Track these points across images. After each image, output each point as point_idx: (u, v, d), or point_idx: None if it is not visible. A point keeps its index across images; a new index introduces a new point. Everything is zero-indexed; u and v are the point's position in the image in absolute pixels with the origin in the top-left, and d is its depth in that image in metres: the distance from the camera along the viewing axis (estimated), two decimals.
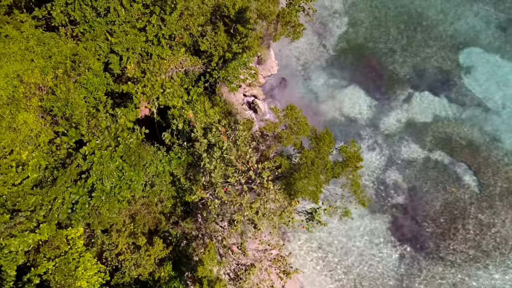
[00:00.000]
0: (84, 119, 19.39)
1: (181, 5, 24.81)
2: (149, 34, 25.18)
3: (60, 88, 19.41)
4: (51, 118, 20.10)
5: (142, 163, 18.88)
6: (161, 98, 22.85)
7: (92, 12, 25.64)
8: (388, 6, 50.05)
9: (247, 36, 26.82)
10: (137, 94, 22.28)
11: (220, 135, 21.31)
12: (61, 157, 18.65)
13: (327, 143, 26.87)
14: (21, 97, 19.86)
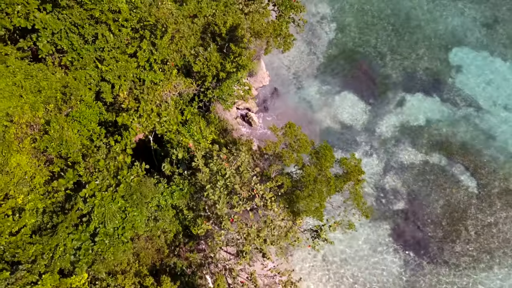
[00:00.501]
0: (81, 157, 18.59)
1: (172, 28, 24.11)
2: (141, 60, 24.43)
3: (54, 127, 18.58)
4: (46, 158, 19.26)
5: (144, 201, 18.19)
6: (158, 128, 22.14)
7: (80, 40, 24.78)
8: (375, 9, 49.95)
9: (241, 55, 26.22)
10: (133, 126, 21.53)
11: (221, 162, 20.71)
12: (59, 200, 17.85)
13: (328, 159, 26.43)
14: (13, 138, 18.98)
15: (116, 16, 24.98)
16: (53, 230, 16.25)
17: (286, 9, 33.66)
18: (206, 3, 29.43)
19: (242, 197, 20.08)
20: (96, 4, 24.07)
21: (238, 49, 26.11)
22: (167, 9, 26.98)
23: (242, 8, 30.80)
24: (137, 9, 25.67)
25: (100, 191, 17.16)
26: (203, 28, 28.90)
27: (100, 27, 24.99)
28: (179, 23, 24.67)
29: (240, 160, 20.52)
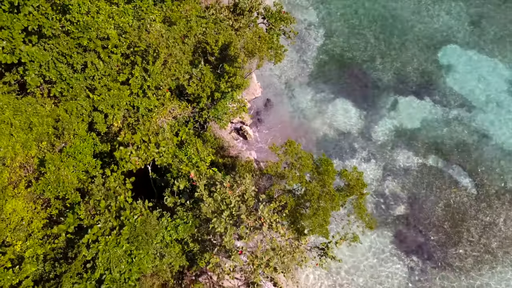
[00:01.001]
0: (79, 197, 17.79)
1: (164, 53, 23.40)
2: (133, 87, 23.65)
3: (50, 169, 17.75)
4: (43, 200, 18.41)
5: (150, 241, 17.50)
6: (157, 158, 21.42)
7: (68, 69, 23.90)
8: (361, 13, 49.76)
9: (235, 75, 25.61)
10: (132, 160, 20.77)
11: (225, 191, 20.09)
12: (60, 245, 17.03)
13: (330, 175, 26.00)
14: (6, 182, 18.09)
15: (105, 43, 24.17)
16: (57, 281, 15.46)
17: (276, 21, 33.15)
18: (195, 22, 28.75)
19: (249, 226, 19.50)
20: (84, 32, 23.24)
21: (232, 69, 25.50)
22: (157, 31, 26.27)
23: (232, 24, 30.19)
24: (126, 34, 24.89)
25: (103, 236, 16.42)
26: (194, 47, 28.23)
27: (89, 55, 24.16)
28: (171, 47, 23.96)
29: (244, 188, 19.93)
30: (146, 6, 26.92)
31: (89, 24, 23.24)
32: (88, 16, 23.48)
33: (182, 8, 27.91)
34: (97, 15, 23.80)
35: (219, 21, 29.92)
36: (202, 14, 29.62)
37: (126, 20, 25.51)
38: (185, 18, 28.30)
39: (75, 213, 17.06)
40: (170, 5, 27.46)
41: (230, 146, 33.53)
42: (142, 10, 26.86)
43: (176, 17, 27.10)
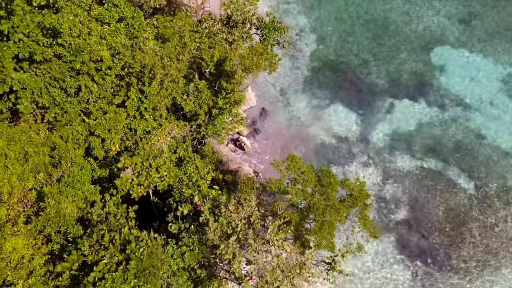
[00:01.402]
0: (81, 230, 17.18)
1: (161, 73, 22.85)
2: (130, 110, 23.06)
3: (49, 204, 17.12)
4: (43, 236, 17.77)
5: (158, 273, 16.96)
6: (158, 184, 20.86)
7: (62, 94, 23.24)
8: (352, 16, 49.51)
9: (233, 91, 25.14)
10: (134, 189, 20.19)
11: (230, 214, 19.62)
12: (64, 283, 16.42)
13: (333, 188, 25.67)
14: (5, 219, 17.41)
15: (98, 65, 23.55)
16: None
17: (270, 32, 32.73)
18: (189, 37, 28.21)
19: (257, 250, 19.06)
20: (76, 56, 22.60)
21: (230, 86, 25.02)
22: (151, 50, 25.71)
23: (226, 37, 29.71)
24: (120, 54, 24.28)
25: (109, 272, 15.85)
26: (189, 63, 27.71)
27: (82, 78, 23.52)
28: (167, 66, 23.41)
29: (250, 210, 19.49)
30: (138, 24, 26.32)
31: (81, 47, 22.61)
32: (80, 39, 22.85)
33: (175, 23, 27.37)
34: (89, 36, 23.18)
35: (213, 35, 29.43)
36: (195, 28, 29.10)
37: (119, 40, 24.90)
38: (179, 34, 27.76)
39: (79, 250, 16.46)
40: (163, 22, 26.89)
41: (229, 160, 33.03)
42: (134, 28, 26.27)
43: (170, 33, 26.55)
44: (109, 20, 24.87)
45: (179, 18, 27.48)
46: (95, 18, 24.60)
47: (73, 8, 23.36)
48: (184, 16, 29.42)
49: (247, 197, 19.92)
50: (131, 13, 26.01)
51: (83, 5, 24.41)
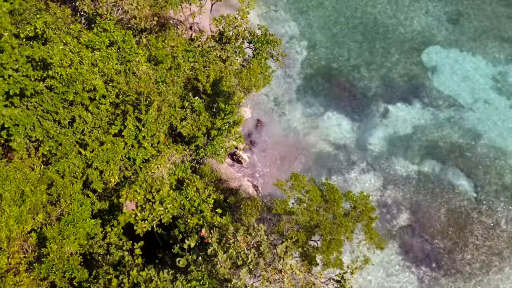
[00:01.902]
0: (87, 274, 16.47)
1: (158, 100, 22.18)
2: (128, 139, 22.32)
3: (52, 249, 16.36)
4: (47, 283, 16.99)
5: None
6: (163, 216, 20.21)
7: (55, 126, 22.41)
8: (341, 21, 49.25)
9: (232, 112, 24.57)
10: (139, 225, 19.50)
11: (239, 244, 19.06)
12: None
13: (339, 205, 25.27)
14: (5, 268, 16.60)
15: (92, 94, 22.77)
16: None
17: (263, 45, 32.22)
18: (182, 57, 27.55)
19: (269, 280, 18.55)
20: (69, 86, 21.79)
21: (228, 107, 24.44)
22: (145, 74, 25.02)
23: (220, 54, 29.10)
24: (113, 82, 23.52)
25: None
26: (184, 84, 27.06)
27: (75, 108, 22.72)
28: (163, 92, 22.74)
29: (260, 239, 18.96)
30: (129, 47, 25.57)
31: (73, 77, 21.82)
32: (71, 68, 22.05)
33: (167, 44, 26.67)
34: (81, 65, 22.39)
35: (206, 53, 28.81)
36: (187, 47, 28.44)
37: (111, 66, 24.16)
38: (171, 54, 27.08)
39: None
40: (155, 43, 26.19)
41: (228, 178, 32.44)
42: (125, 51, 25.51)
43: (162, 55, 25.86)
44: (99, 46, 24.08)
45: (170, 38, 26.79)
46: (85, 44, 23.80)
47: (62, 36, 22.55)
48: (175, 35, 28.73)
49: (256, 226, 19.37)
50: (121, 37, 25.26)
51: (72, 32, 23.60)
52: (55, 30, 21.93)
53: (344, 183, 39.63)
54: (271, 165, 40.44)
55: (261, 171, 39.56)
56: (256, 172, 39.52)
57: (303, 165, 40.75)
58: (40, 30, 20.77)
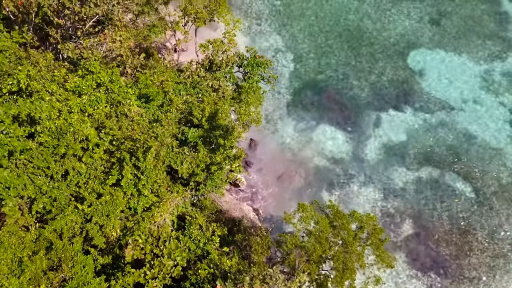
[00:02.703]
0: None
1: (155, 146, 21.08)
2: (127, 189, 21.14)
3: None
4: None
5: None
6: (174, 270, 19.16)
7: (47, 181, 21.09)
8: (325, 29, 48.72)
9: (232, 147, 23.64)
10: (149, 284, 18.39)
11: None
12: None
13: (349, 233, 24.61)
14: None
15: (84, 144, 21.52)
16: None
17: (253, 68, 31.32)
18: (173, 90, 26.45)
19: None
20: (59, 139, 20.51)
21: (228, 142, 23.49)
22: (137, 115, 23.88)
23: (212, 84, 28.11)
24: (106, 128, 22.30)
25: None
26: (178, 120, 25.99)
27: (68, 160, 21.41)
28: (160, 136, 21.64)
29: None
30: (117, 87, 24.37)
31: (63, 128, 20.55)
32: (61, 119, 20.78)
33: (156, 80, 25.55)
34: (70, 115, 21.13)
35: (197, 84, 27.78)
36: (177, 79, 27.37)
37: (101, 110, 22.93)
38: (162, 90, 25.96)
39: None
40: (145, 81, 25.04)
41: (231, 208, 31.48)
42: (114, 92, 24.29)
43: (154, 93, 24.75)
44: (87, 90, 22.82)
45: (159, 73, 25.68)
46: (71, 90, 22.52)
47: (47, 85, 21.23)
48: (164, 67, 27.61)
49: (273, 274, 18.52)
50: (108, 77, 24.05)
51: (57, 79, 22.29)
52: (39, 80, 20.59)
53: (345, 197, 39.12)
54: (270, 185, 39.64)
55: (261, 192, 38.71)
56: (256, 194, 38.66)
57: (303, 180, 40.06)
58: (24, 84, 19.44)
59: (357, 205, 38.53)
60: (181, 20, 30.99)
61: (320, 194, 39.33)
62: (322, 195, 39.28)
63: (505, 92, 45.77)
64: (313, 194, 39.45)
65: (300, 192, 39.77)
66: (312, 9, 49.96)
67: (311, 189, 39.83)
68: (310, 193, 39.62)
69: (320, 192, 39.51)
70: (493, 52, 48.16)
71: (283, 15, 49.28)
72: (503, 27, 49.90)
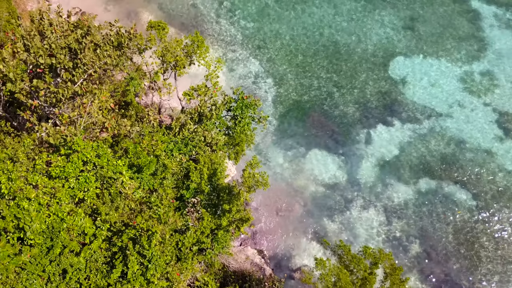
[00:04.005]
0: None
1: (159, 230, 19.25)
2: (134, 282, 19.24)
3: None
4: None
5: None
6: None
7: (43, 283, 18.95)
8: (302, 48, 47.64)
9: (239, 211, 22.07)
10: None
11: None
12: None
13: (372, 282, 23.51)
14: None
15: (80, 238, 19.47)
16: None
17: (242, 111, 29.77)
18: (165, 154, 24.60)
19: None
20: (53, 239, 18.42)
21: (234, 208, 21.91)
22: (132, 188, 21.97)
23: (205, 136, 26.41)
24: (100, 215, 20.30)
25: None
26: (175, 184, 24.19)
27: (64, 258, 19.32)
28: (163, 216, 19.84)
29: None
30: (106, 161, 22.33)
31: (56, 226, 18.47)
32: (51, 215, 18.68)
33: (147, 145, 23.66)
34: (60, 208, 19.05)
35: (189, 140, 26.04)
36: (167, 140, 25.54)
37: (92, 192, 20.88)
38: (153, 154, 24.07)
39: None
40: (134, 150, 23.11)
41: (236, 256, 29.88)
42: (103, 167, 22.26)
43: (145, 162, 22.88)
44: (74, 174, 20.73)
45: (148, 139, 23.79)
46: (57, 176, 20.38)
47: (30, 178, 19.07)
48: (150, 127, 25.70)
49: None
50: (94, 152, 22.00)
51: (39, 168, 20.10)
52: (21, 177, 18.42)
53: (348, 223, 38.11)
54: (270, 220, 38.20)
55: (262, 230, 37.23)
56: (257, 233, 37.13)
57: (302, 210, 38.79)
58: (6, 189, 17.27)
59: (361, 232, 37.58)
60: (161, 70, 29.08)
61: (322, 223, 38.18)
62: (323, 224, 38.14)
63: (487, 91, 46.00)
64: (314, 223, 38.30)
65: (302, 222, 38.55)
66: (284, 28, 48.82)
67: (311, 218, 38.64)
68: (311, 222, 38.43)
69: (321, 220, 38.37)
70: (469, 52, 48.37)
71: (257, 37, 47.90)
72: (475, 25, 50.26)
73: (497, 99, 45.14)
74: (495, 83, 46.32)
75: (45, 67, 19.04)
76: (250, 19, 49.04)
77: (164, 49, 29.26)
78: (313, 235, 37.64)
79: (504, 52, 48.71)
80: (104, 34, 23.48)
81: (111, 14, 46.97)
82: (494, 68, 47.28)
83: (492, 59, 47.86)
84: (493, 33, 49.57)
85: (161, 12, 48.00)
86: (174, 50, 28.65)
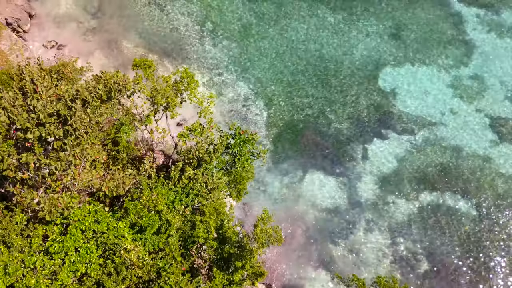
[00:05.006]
0: None
1: None
2: None
3: None
4: None
5: None
6: None
7: None
8: (289, 66, 46.61)
9: (253, 266, 20.92)
10: None
11: None
12: None
13: None
14: None
15: None
16: None
17: (241, 147, 28.63)
18: (167, 208, 23.25)
19: None
20: None
21: (247, 264, 20.73)
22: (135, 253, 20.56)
23: (206, 184, 25.15)
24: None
25: None
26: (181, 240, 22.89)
27: None
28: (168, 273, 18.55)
29: None
30: (105, 225, 20.89)
31: None
32: None
33: (149, 203, 22.28)
34: None
35: (190, 189, 24.74)
36: (166, 191, 24.17)
37: (96, 265, 19.44)
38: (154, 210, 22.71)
39: None
40: (134, 209, 21.73)
41: None
42: (103, 232, 20.81)
43: (147, 222, 21.51)
44: (73, 246, 19.26)
45: (148, 195, 22.42)
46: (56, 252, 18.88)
47: (27, 262, 17.52)
48: (148, 180, 24.30)
49: None
50: (91, 218, 20.58)
51: (35, 246, 18.56)
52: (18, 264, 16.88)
53: (353, 247, 37.33)
54: (274, 251, 37.12)
55: (268, 262, 36.10)
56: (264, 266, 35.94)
57: (306, 237, 37.85)
58: (4, 283, 15.72)
59: (368, 256, 36.81)
60: (152, 113, 27.68)
61: (327, 249, 37.31)
62: (328, 249, 37.29)
63: (477, 95, 45.89)
64: (318, 250, 37.41)
65: (306, 249, 37.59)
66: (269, 47, 47.72)
67: (315, 245, 37.68)
68: (316, 249, 37.50)
69: (326, 246, 37.50)
70: (456, 56, 48.20)
71: (243, 59, 46.69)
72: (458, 29, 50.13)
73: (489, 104, 45.05)
74: (485, 86, 46.25)
75: (33, 139, 17.55)
76: (233, 38, 47.79)
77: (153, 90, 27.85)
78: (319, 262, 36.73)
79: (490, 53, 48.71)
80: (91, 87, 21.99)
81: (91, 44, 45.13)
82: (482, 71, 47.22)
83: (479, 62, 47.77)
84: (477, 36, 49.51)
85: (142, 40, 46.32)
86: (165, 91, 27.28)
